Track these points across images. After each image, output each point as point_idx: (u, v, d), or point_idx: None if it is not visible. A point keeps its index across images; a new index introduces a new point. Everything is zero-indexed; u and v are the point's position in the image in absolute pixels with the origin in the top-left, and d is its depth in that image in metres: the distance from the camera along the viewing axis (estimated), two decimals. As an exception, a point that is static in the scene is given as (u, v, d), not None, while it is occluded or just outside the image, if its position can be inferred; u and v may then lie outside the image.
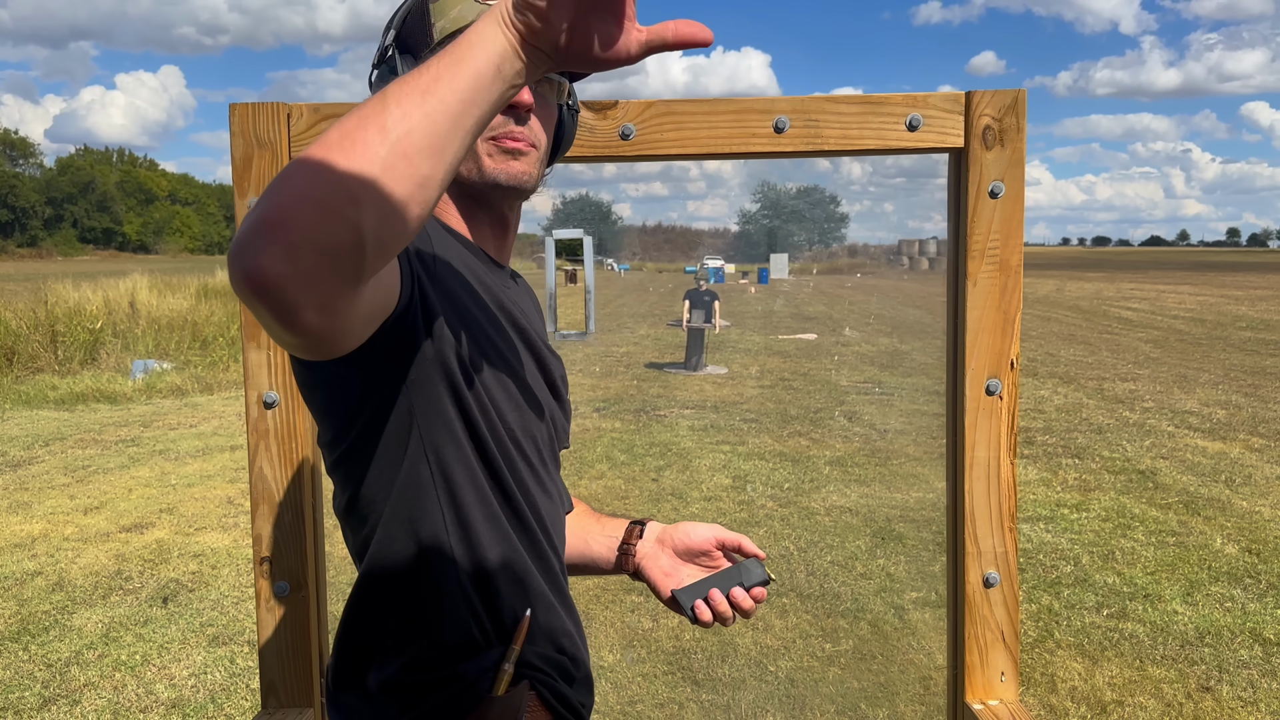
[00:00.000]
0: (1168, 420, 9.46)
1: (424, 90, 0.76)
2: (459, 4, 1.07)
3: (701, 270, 23.10)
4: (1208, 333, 18.67)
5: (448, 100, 0.76)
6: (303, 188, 0.71)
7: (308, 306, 0.72)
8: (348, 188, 0.71)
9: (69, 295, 15.27)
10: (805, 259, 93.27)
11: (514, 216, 1.19)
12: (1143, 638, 4.34)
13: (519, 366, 1.12)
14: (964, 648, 1.42)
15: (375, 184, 0.72)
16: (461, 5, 1.06)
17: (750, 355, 15.41)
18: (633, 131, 1.37)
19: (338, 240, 0.71)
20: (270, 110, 1.36)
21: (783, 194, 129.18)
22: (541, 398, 1.16)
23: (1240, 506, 6.39)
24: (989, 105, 1.34)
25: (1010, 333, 1.39)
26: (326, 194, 0.70)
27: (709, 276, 40.43)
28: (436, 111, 0.76)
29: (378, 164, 0.72)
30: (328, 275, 0.72)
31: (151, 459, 7.94)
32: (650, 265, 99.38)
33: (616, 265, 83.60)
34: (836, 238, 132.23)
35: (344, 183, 0.71)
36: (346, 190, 0.71)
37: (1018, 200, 1.36)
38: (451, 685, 1.06)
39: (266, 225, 0.69)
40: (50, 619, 4.59)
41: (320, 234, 0.70)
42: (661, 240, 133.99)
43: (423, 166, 0.75)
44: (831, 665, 4.06)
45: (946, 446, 1.47)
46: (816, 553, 5.46)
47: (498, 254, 1.19)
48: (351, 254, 0.72)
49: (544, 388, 1.17)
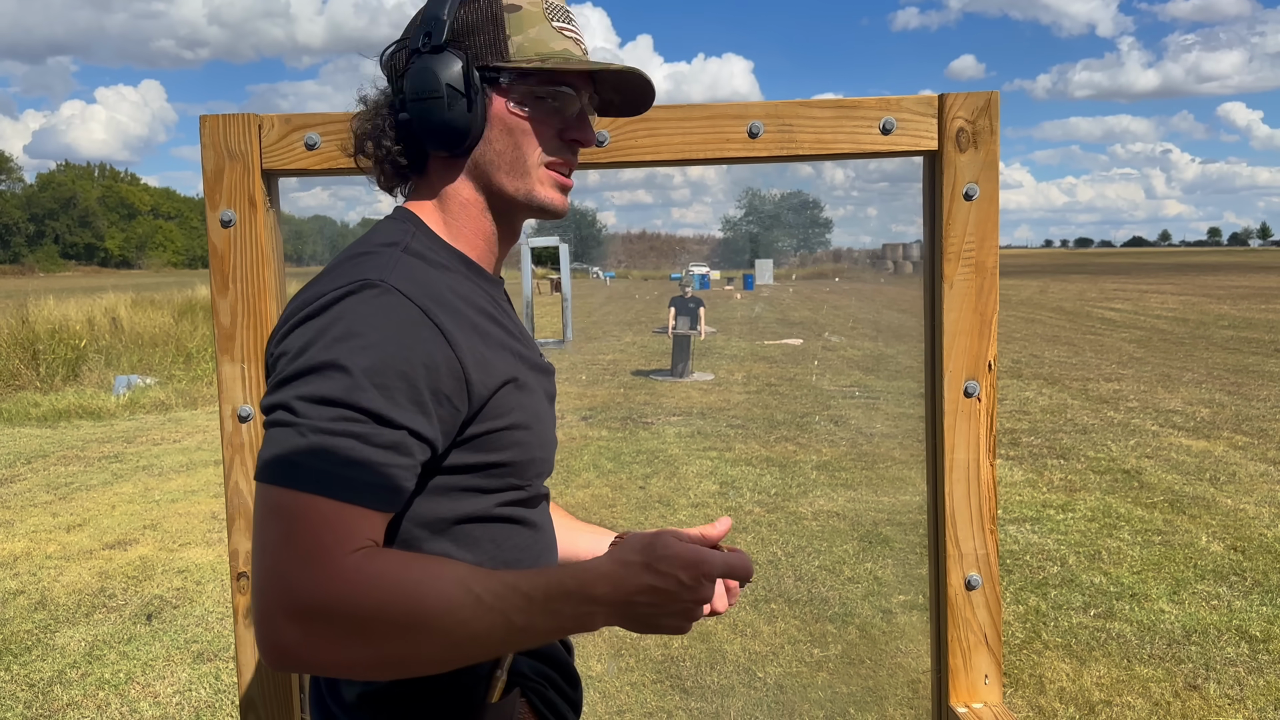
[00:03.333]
0: (1152, 420, 9.51)
1: (514, 633, 0.91)
2: (537, 24, 1.08)
3: (687, 277, 23.14)
4: (1190, 332, 18.79)
5: (521, 645, 0.95)
6: (352, 658, 0.87)
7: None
8: (390, 667, 0.89)
9: (51, 312, 15.16)
10: (790, 264, 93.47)
11: (520, 229, 1.21)
12: (1130, 637, 4.35)
13: (536, 394, 1.12)
14: (947, 651, 1.41)
15: (417, 668, 0.91)
16: (540, 27, 1.08)
17: (736, 361, 15.42)
18: (607, 138, 1.37)
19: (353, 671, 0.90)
20: (241, 121, 1.35)
21: (766, 200, 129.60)
22: (549, 417, 1.16)
23: (1225, 504, 6.43)
24: (962, 108, 1.34)
25: (988, 334, 1.39)
26: (368, 669, 0.89)
27: (694, 283, 40.52)
28: (510, 647, 0.95)
29: (431, 665, 0.91)
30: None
31: (135, 475, 7.88)
32: (636, 273, 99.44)
33: (602, 273, 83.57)
34: (821, 243, 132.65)
35: (389, 665, 0.89)
36: (388, 667, 0.89)
37: (992, 202, 1.36)
38: (443, 694, 1.05)
39: (292, 650, 0.86)
40: (33, 638, 4.54)
41: (343, 670, 0.90)
42: (646, 247, 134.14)
43: (463, 663, 0.94)
44: (820, 670, 4.05)
45: (926, 449, 1.47)
46: (804, 557, 5.46)
47: (498, 265, 1.19)
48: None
49: (546, 403, 1.17)
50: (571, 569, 0.94)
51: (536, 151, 1.10)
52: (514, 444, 1.05)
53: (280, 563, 0.87)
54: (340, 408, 0.90)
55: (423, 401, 0.94)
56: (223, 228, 1.35)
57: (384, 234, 1.08)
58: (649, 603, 0.93)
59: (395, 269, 0.99)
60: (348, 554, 0.87)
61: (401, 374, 0.92)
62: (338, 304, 0.95)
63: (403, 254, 1.03)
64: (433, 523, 1.03)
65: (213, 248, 1.36)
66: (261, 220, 1.35)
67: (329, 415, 0.90)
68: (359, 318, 0.94)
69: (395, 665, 0.89)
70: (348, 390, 0.90)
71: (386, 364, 0.92)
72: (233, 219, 1.35)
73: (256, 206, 1.35)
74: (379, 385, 0.91)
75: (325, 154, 1.36)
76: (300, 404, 0.91)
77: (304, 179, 1.44)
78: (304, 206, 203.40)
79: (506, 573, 0.93)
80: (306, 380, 0.92)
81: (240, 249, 1.35)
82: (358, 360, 0.91)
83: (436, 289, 1.01)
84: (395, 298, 0.96)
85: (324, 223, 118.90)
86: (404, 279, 0.98)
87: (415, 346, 0.94)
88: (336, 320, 0.94)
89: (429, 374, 0.94)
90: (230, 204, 1.35)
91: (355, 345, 0.92)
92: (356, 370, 0.91)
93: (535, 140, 1.10)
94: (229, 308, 1.36)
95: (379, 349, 0.92)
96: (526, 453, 1.07)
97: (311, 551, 0.86)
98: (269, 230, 1.37)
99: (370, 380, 0.91)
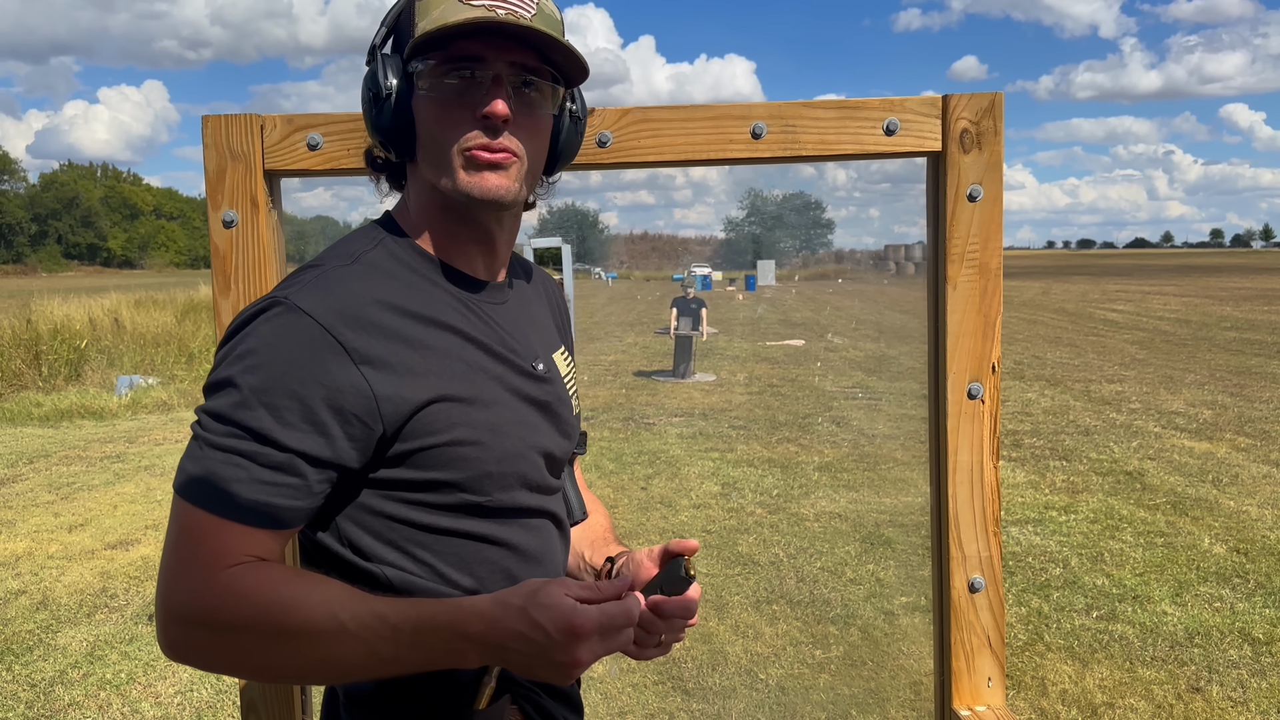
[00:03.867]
0: (1154, 421, 9.50)
1: (381, 662, 0.91)
2: (442, 4, 1.02)
3: (689, 278, 23.14)
4: (1193, 333, 18.77)
5: (392, 673, 0.93)
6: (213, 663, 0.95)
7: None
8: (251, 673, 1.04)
9: (54, 311, 15.17)
10: (792, 265, 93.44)
11: (502, 228, 1.13)
12: (1132, 639, 4.34)
13: (498, 407, 1.07)
14: (950, 653, 1.41)
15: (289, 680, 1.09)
16: (445, 5, 1.02)
17: (738, 362, 15.42)
18: (610, 139, 1.36)
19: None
20: (244, 122, 1.35)
21: (768, 201, 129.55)
22: (526, 429, 1.11)
23: (1228, 506, 6.42)
24: (966, 108, 1.34)
25: (991, 336, 1.38)
26: (230, 669, 0.96)
27: (696, 284, 40.50)
28: (381, 673, 0.93)
29: (303, 679, 1.02)
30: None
31: (137, 475, 7.89)
32: (638, 273, 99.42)
33: (604, 274, 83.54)
34: (823, 244, 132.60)
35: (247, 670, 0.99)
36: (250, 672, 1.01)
37: (996, 203, 1.36)
38: (429, 698, 1.04)
39: (176, 648, 0.93)
40: (34, 638, 4.54)
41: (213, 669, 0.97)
42: (648, 248, 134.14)
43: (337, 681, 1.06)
44: (822, 672, 4.05)
45: (929, 451, 1.47)
46: (806, 559, 5.46)
47: (487, 268, 1.14)
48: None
49: (530, 412, 1.12)
50: (450, 603, 0.92)
51: (449, 136, 1.03)
52: (456, 460, 1.02)
53: (167, 568, 0.93)
54: (230, 424, 0.93)
55: (319, 421, 0.94)
56: (225, 228, 1.35)
57: (343, 245, 1.09)
58: (521, 650, 0.90)
59: (311, 286, 0.99)
60: (222, 569, 0.91)
61: (293, 393, 0.93)
62: (248, 323, 0.97)
63: (340, 269, 1.03)
64: (378, 532, 1.03)
65: (214, 248, 1.35)
66: (263, 221, 1.35)
67: (220, 431, 0.93)
68: (258, 337, 0.96)
69: (267, 674, 1.02)
70: (236, 408, 0.93)
71: (277, 383, 0.93)
72: (235, 219, 1.34)
73: (259, 207, 1.35)
74: (267, 405, 0.93)
75: (327, 154, 1.35)
76: (203, 416, 0.96)
77: (306, 179, 1.44)
78: (306, 207, 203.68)
79: (380, 601, 0.92)
80: (210, 394, 0.97)
81: (242, 249, 1.35)
82: (249, 379, 0.93)
83: (356, 304, 0.99)
84: (296, 316, 0.96)
85: (326, 223, 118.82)
86: (315, 297, 0.98)
87: (310, 366, 0.94)
88: (243, 339, 0.97)
89: (327, 393, 0.94)
90: (232, 204, 1.35)
91: (249, 364, 0.94)
92: (246, 388, 0.93)
93: (446, 125, 1.04)
94: (230, 308, 1.35)
95: (270, 368, 0.94)
96: (477, 468, 1.04)
97: (190, 562, 0.92)
98: (271, 231, 1.37)
99: (259, 399, 0.93)
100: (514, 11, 1.02)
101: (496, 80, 1.03)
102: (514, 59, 1.03)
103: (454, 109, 1.03)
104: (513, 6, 1.02)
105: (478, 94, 1.03)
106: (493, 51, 1.02)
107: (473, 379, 1.04)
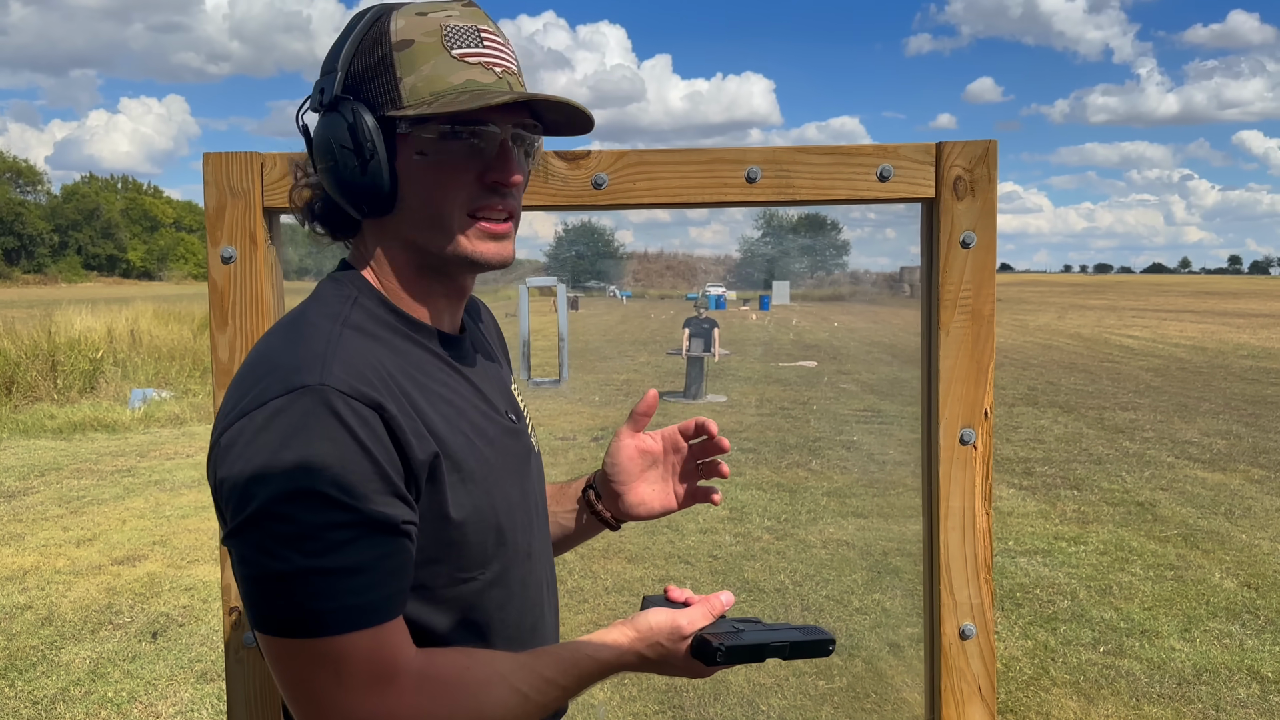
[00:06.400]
0: (1168, 450, 9.43)
1: (548, 713, 1.00)
2: (432, 58, 0.96)
3: (702, 299, 23.15)
4: (1209, 361, 18.65)
5: (564, 700, 1.02)
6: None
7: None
8: None
9: (71, 323, 15.28)
10: (808, 286, 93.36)
11: (472, 282, 1.11)
12: (1139, 675, 4.30)
13: (490, 457, 1.06)
14: (940, 700, 1.40)
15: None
16: (435, 60, 0.96)
17: (750, 384, 15.39)
18: (605, 181, 1.37)
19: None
20: (244, 160, 1.36)
21: (785, 221, 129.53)
22: (513, 487, 1.10)
23: (1240, 539, 6.35)
24: (960, 156, 1.34)
25: (984, 382, 1.38)
26: None
27: (709, 303, 40.51)
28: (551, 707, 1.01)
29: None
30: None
31: (147, 489, 7.92)
32: (653, 292, 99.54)
33: (619, 292, 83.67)
34: (839, 264, 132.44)
35: None
36: None
37: (989, 250, 1.36)
38: None
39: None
40: (38, 654, 4.56)
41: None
42: (663, 267, 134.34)
43: None
44: (825, 704, 4.02)
45: (921, 496, 1.46)
46: (812, 586, 5.43)
47: (451, 321, 1.10)
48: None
49: (511, 457, 1.11)
50: (604, 648, 1.02)
51: (455, 203, 0.99)
52: (451, 529, 1.01)
53: (343, 704, 0.88)
54: (328, 531, 0.85)
55: (400, 493, 0.91)
56: (223, 264, 1.36)
57: (325, 301, 1.01)
58: (658, 661, 1.07)
59: (334, 360, 0.91)
60: (404, 671, 0.90)
61: (369, 475, 0.88)
62: (278, 418, 0.87)
63: (343, 330, 0.96)
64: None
65: (212, 283, 1.37)
66: (262, 257, 1.36)
67: (318, 548, 0.85)
68: (306, 432, 0.86)
69: None
70: (325, 510, 0.85)
71: (349, 470, 0.86)
72: (233, 255, 1.36)
73: (257, 243, 1.36)
74: (352, 494, 0.87)
75: (325, 193, 1.36)
76: (282, 548, 0.85)
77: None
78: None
79: (540, 663, 1.00)
80: (279, 517, 0.85)
81: (240, 285, 1.36)
82: (323, 479, 0.85)
83: (380, 368, 0.94)
84: (337, 399, 0.88)
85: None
86: (344, 371, 0.90)
87: (369, 444, 0.88)
88: (284, 443, 0.86)
89: (390, 462, 0.90)
90: (231, 240, 1.36)
91: (314, 463, 0.85)
92: (327, 486, 0.85)
93: (450, 190, 0.99)
94: (227, 343, 1.37)
95: (339, 458, 0.86)
96: (474, 536, 1.04)
97: (372, 681, 0.88)
98: (269, 267, 1.38)
99: (341, 493, 0.86)
100: (513, 72, 1.01)
101: (506, 146, 1.00)
102: (518, 120, 1.01)
103: (458, 173, 0.99)
104: (505, 62, 1.00)
105: (483, 159, 0.99)
106: (499, 115, 0.99)
107: (470, 447, 1.02)
